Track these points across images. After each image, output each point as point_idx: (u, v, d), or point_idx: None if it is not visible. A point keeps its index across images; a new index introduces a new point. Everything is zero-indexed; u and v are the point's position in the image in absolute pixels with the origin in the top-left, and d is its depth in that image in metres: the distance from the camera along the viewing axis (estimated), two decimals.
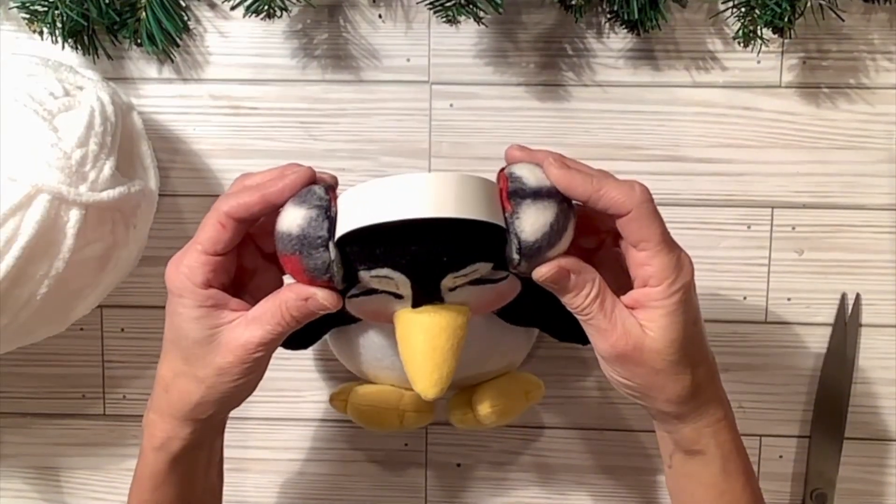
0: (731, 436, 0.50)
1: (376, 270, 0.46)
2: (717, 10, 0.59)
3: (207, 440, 0.51)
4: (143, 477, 0.50)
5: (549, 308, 0.50)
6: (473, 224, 0.44)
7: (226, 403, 0.49)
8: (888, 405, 0.63)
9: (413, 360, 0.48)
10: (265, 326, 0.47)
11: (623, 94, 0.62)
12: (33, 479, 0.66)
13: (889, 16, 0.60)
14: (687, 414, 0.48)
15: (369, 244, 0.45)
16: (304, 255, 0.45)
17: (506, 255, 0.46)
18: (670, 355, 0.46)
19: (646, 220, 0.46)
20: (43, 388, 0.66)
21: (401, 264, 0.45)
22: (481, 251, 0.46)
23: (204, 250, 0.47)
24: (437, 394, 0.48)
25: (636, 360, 0.46)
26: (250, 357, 0.47)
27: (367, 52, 0.62)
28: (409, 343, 0.48)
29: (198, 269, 0.47)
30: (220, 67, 0.62)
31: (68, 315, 0.56)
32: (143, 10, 0.58)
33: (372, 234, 0.44)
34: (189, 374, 0.48)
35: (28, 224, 0.50)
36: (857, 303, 0.62)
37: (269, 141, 0.63)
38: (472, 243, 0.45)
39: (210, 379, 0.47)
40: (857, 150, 0.61)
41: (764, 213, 0.62)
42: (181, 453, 0.49)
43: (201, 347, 0.47)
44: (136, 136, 0.58)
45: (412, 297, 0.47)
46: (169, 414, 0.49)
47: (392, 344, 0.53)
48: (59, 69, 0.55)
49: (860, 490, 0.64)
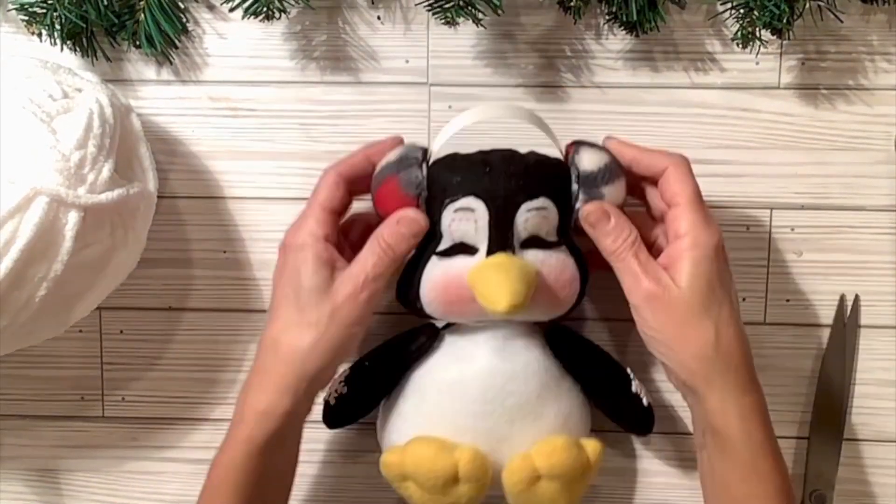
0: (762, 421, 0.53)
1: (458, 202, 0.53)
2: (715, 11, 0.59)
3: (302, 413, 0.55)
4: (238, 443, 0.53)
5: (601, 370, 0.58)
6: (542, 159, 0.54)
7: (331, 353, 0.53)
8: (887, 406, 0.63)
9: (486, 282, 0.52)
10: (368, 264, 0.53)
11: (622, 96, 0.62)
12: (32, 481, 0.66)
13: (888, 17, 0.60)
14: (713, 381, 0.51)
15: (453, 173, 0.53)
16: (400, 174, 0.53)
17: (569, 192, 0.54)
18: (695, 305, 0.51)
19: (680, 177, 0.53)
20: (42, 389, 0.66)
21: (480, 189, 0.52)
22: (548, 185, 0.53)
23: (322, 207, 0.54)
24: (509, 303, 0.50)
25: (664, 305, 0.51)
26: (359, 296, 0.53)
27: (365, 53, 0.62)
28: (482, 275, 0.52)
29: (317, 224, 0.54)
30: (218, 69, 0.62)
31: (67, 317, 0.56)
32: (142, 12, 0.58)
33: (455, 164, 0.54)
34: (302, 321, 0.53)
35: (26, 226, 0.50)
36: (857, 304, 0.62)
37: (267, 143, 0.63)
38: (540, 173, 0.54)
39: (323, 322, 0.53)
40: (856, 151, 0.61)
41: (763, 215, 0.62)
42: (283, 420, 0.53)
43: (317, 295, 0.53)
44: (135, 138, 0.58)
45: (487, 241, 0.53)
46: (277, 376, 0.53)
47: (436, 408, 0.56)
48: (57, 71, 0.55)
49: (859, 491, 0.64)
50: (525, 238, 0.53)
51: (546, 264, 0.54)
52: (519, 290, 0.51)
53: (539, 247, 0.54)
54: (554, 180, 0.54)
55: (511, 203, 0.53)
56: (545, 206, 0.53)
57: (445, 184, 0.53)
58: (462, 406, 0.55)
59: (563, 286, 0.54)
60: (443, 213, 0.54)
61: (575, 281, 0.55)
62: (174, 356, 0.65)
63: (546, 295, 0.54)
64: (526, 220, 0.53)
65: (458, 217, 0.53)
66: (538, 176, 0.53)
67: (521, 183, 0.53)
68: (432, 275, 0.54)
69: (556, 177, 0.54)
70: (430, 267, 0.54)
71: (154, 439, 0.66)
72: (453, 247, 0.54)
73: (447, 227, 0.54)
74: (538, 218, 0.53)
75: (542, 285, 0.53)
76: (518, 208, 0.53)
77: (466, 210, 0.53)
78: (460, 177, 0.53)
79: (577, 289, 0.55)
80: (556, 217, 0.54)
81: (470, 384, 0.55)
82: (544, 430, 0.55)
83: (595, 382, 0.58)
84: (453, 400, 0.55)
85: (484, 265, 0.53)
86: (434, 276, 0.54)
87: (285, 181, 0.63)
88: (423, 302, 0.55)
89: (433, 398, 0.56)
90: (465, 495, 0.54)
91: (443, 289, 0.54)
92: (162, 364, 0.65)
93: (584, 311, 0.63)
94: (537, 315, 0.56)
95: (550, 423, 0.56)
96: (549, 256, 0.54)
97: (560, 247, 0.54)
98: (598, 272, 0.55)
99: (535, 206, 0.53)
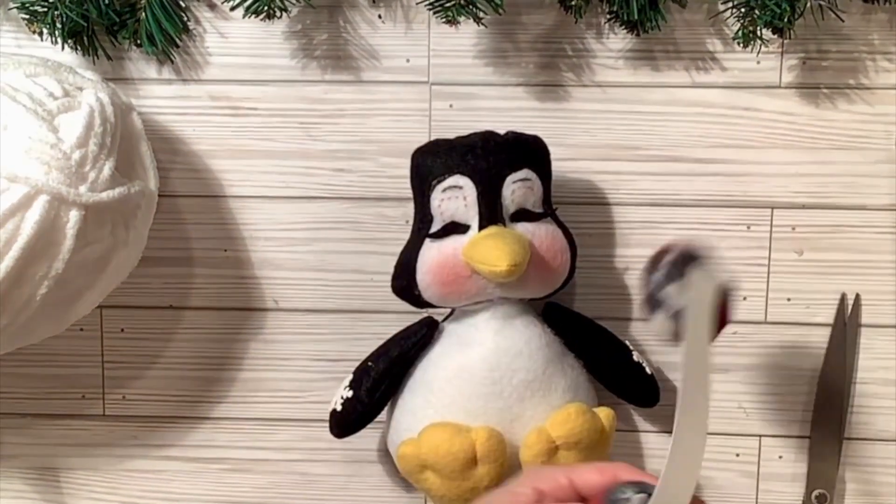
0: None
1: (445, 181, 0.54)
2: (716, 10, 0.59)
3: None
4: None
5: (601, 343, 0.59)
6: (519, 135, 0.55)
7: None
8: (888, 405, 0.63)
9: (484, 249, 0.52)
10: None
11: (623, 95, 0.62)
12: (33, 479, 0.66)
13: (889, 16, 0.60)
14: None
15: (437, 156, 0.55)
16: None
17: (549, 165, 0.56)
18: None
19: None
20: (43, 388, 0.66)
21: (465, 167, 0.54)
22: (530, 157, 0.55)
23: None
24: (510, 262, 0.51)
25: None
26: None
27: (366, 52, 0.62)
28: (477, 246, 0.53)
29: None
30: (219, 68, 0.62)
31: (68, 315, 0.56)
32: (143, 11, 0.58)
33: (438, 148, 0.55)
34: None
35: (28, 225, 0.50)
36: (857, 303, 0.62)
37: (268, 141, 0.63)
38: (520, 147, 0.55)
39: None
40: (856, 150, 0.61)
41: (764, 214, 0.62)
42: None
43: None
44: (136, 136, 0.58)
45: (478, 217, 0.54)
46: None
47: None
48: (58, 70, 0.55)
49: (860, 490, 0.64)
50: (513, 211, 0.55)
51: (536, 235, 0.55)
52: (517, 250, 0.52)
53: (528, 219, 0.55)
54: (534, 153, 0.56)
55: (496, 176, 0.54)
56: (529, 177, 0.55)
57: (431, 166, 0.55)
58: (471, 389, 0.55)
59: (556, 255, 0.55)
60: (431, 196, 0.54)
61: (566, 251, 0.56)
62: (175, 355, 0.65)
63: (540, 265, 0.55)
64: (512, 192, 0.54)
65: (446, 196, 0.54)
66: (519, 149, 0.55)
67: (503, 157, 0.54)
68: (426, 257, 0.55)
69: (535, 150, 0.56)
70: (423, 250, 0.55)
71: (155, 438, 0.66)
72: (445, 227, 0.55)
73: (437, 208, 0.55)
74: (524, 189, 0.55)
75: (535, 256, 0.54)
76: (504, 181, 0.54)
77: (454, 188, 0.54)
78: (444, 158, 0.55)
79: (569, 259, 0.56)
80: (541, 188, 0.56)
81: (476, 367, 0.55)
82: (555, 403, 0.56)
83: (596, 356, 0.59)
84: (462, 385, 0.55)
85: (477, 237, 0.54)
86: (428, 258, 0.55)
87: (286, 180, 0.63)
88: (421, 287, 0.55)
89: (441, 387, 0.56)
90: (486, 476, 0.54)
91: (438, 269, 0.54)
92: (163, 362, 0.65)
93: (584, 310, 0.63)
94: (534, 288, 0.56)
95: (560, 397, 0.56)
96: (538, 228, 0.55)
97: (546, 218, 0.56)
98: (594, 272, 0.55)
99: (520, 177, 0.55)
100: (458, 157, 0.54)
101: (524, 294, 0.56)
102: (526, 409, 0.55)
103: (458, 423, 0.55)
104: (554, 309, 0.59)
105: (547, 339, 0.57)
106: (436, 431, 0.54)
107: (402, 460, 0.56)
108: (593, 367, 0.59)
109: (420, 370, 0.58)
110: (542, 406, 0.55)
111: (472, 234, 0.54)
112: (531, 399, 0.55)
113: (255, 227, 0.63)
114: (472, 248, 0.53)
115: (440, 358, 0.57)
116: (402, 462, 0.56)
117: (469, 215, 0.54)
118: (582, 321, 0.60)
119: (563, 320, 0.59)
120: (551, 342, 0.57)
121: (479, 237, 0.54)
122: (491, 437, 0.54)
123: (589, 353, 0.58)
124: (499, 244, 0.52)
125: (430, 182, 0.55)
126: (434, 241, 0.55)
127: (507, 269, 0.51)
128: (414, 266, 0.55)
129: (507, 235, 0.53)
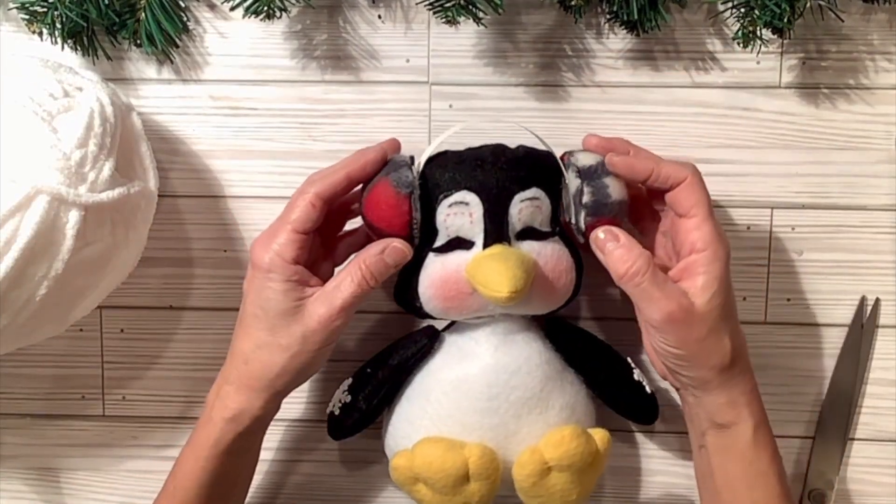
0: (760, 405, 0.54)
1: (452, 196, 0.53)
2: (716, 10, 0.59)
3: (269, 418, 0.56)
4: (205, 445, 0.54)
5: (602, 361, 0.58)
6: (531, 151, 0.55)
7: (301, 373, 0.54)
8: (889, 405, 0.63)
9: (485, 271, 0.52)
10: (346, 291, 0.52)
11: (622, 95, 0.62)
12: (33, 480, 0.66)
13: (889, 16, 0.60)
14: (726, 381, 0.52)
15: (445, 169, 0.54)
16: (391, 175, 0.53)
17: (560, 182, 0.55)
18: (714, 321, 0.51)
19: (697, 188, 0.52)
20: (42, 388, 0.66)
21: (472, 182, 0.53)
22: (539, 175, 0.54)
23: (294, 229, 0.53)
24: (511, 289, 0.51)
25: (685, 325, 0.51)
26: (332, 323, 0.52)
27: (366, 52, 0.62)
28: (480, 266, 0.52)
29: (288, 246, 0.52)
30: (219, 68, 0.62)
31: (68, 316, 0.56)
32: (143, 11, 0.58)
33: (447, 160, 0.54)
34: (273, 343, 0.53)
35: (27, 225, 0.50)
36: (862, 304, 0.62)
37: (268, 142, 0.63)
38: (531, 165, 0.54)
39: (294, 346, 0.53)
40: (856, 150, 0.61)
41: (763, 214, 0.62)
42: (251, 426, 0.54)
43: (287, 318, 0.52)
44: (136, 136, 0.58)
45: (483, 234, 0.53)
46: (247, 385, 0.54)
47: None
48: (58, 70, 0.55)
49: (861, 490, 0.64)
50: (520, 229, 0.54)
51: (542, 255, 0.54)
52: (519, 276, 0.51)
53: (534, 238, 0.54)
54: (545, 171, 0.55)
55: (504, 194, 0.53)
56: (537, 196, 0.54)
57: (438, 180, 0.54)
58: (468, 404, 0.55)
59: (560, 275, 0.55)
60: (437, 209, 0.54)
61: (571, 270, 0.55)
62: (175, 355, 0.65)
63: (544, 285, 0.54)
64: (520, 210, 0.54)
65: (452, 211, 0.54)
66: (529, 167, 0.54)
67: (512, 174, 0.54)
68: (430, 271, 0.54)
69: (546, 168, 0.55)
70: (427, 264, 0.55)
71: (154, 438, 0.66)
72: (450, 242, 0.54)
73: (442, 223, 0.54)
74: (531, 208, 0.54)
75: (540, 276, 0.54)
76: (511, 199, 0.54)
77: (461, 204, 0.53)
78: (453, 172, 0.54)
79: (574, 278, 0.56)
80: (549, 207, 0.55)
81: (474, 381, 0.55)
82: (551, 422, 0.56)
83: (596, 373, 0.58)
84: (459, 399, 0.55)
85: (481, 256, 0.53)
86: (432, 273, 0.54)
87: (286, 180, 0.63)
88: (422, 300, 0.55)
89: (438, 399, 0.56)
90: (477, 493, 0.54)
91: (441, 284, 0.54)
92: (162, 363, 0.65)
93: (583, 310, 0.63)
94: (537, 307, 0.56)
95: (556, 415, 0.56)
96: (544, 247, 0.54)
97: (554, 237, 0.55)
98: (594, 271, 0.55)
99: (528, 196, 0.54)
100: (467, 171, 0.54)
101: (527, 311, 0.56)
102: (522, 426, 0.55)
103: (452, 439, 0.55)
104: (556, 324, 0.58)
105: (547, 355, 0.57)
106: (429, 446, 0.54)
107: (395, 472, 0.56)
108: (593, 384, 0.58)
109: (419, 380, 0.58)
110: (539, 423, 0.55)
111: (476, 251, 0.54)
112: (528, 416, 0.55)
113: (255, 227, 0.63)
114: (475, 269, 0.53)
115: (439, 370, 0.57)
116: (396, 473, 0.56)
117: (474, 231, 0.54)
118: (584, 337, 0.59)
119: (565, 336, 0.58)
120: (551, 359, 0.57)
121: (482, 257, 0.53)
122: (483, 455, 0.54)
123: (589, 369, 0.58)
124: (501, 269, 0.51)
125: (437, 196, 0.54)
126: (438, 256, 0.54)
127: (507, 295, 0.51)
128: (416, 279, 0.55)
129: (510, 258, 0.52)
